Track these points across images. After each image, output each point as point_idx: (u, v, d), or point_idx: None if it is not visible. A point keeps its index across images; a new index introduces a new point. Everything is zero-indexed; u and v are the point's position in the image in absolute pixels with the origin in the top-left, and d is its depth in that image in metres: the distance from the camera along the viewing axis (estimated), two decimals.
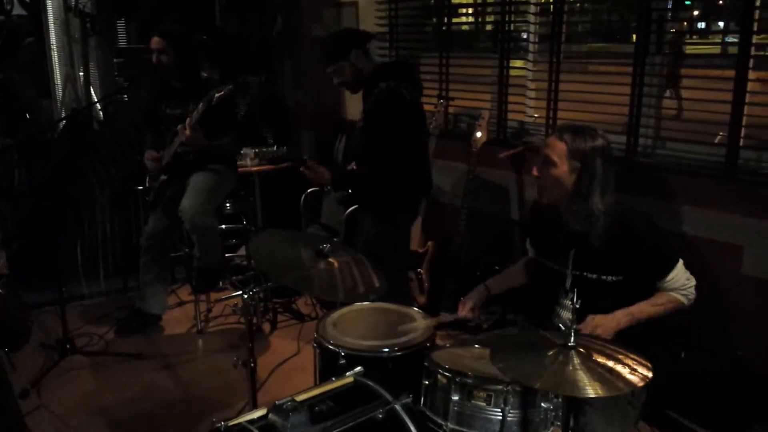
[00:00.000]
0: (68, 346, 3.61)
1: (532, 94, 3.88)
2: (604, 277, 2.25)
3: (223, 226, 4.24)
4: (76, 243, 4.63)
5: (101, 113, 5.22)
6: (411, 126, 3.12)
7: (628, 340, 2.10)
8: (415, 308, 2.52)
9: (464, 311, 2.54)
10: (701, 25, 3.68)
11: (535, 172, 2.31)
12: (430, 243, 3.98)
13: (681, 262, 2.26)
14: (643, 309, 2.23)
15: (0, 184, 4.53)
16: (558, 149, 2.22)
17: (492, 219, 3.97)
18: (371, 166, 3.11)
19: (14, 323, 2.47)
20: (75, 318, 4.10)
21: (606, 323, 2.17)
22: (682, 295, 2.25)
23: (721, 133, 2.98)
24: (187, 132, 3.55)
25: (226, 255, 4.29)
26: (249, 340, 2.40)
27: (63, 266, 4.34)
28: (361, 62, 3.15)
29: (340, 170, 3.27)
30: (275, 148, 3.07)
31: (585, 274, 2.27)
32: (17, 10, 5.19)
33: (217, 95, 3.47)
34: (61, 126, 4.87)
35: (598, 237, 2.21)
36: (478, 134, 3.76)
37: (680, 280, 2.24)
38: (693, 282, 2.27)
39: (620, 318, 2.20)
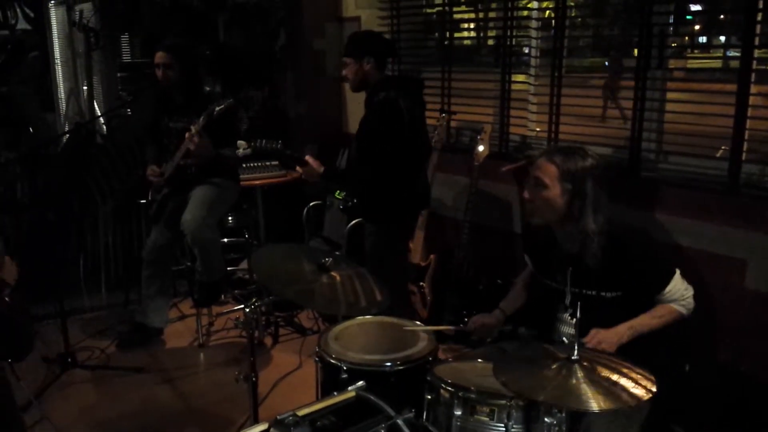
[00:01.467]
0: (69, 359, 3.60)
1: (533, 108, 3.89)
2: (604, 294, 2.24)
3: (225, 240, 4.24)
4: (78, 256, 4.63)
5: (104, 127, 5.25)
6: (405, 138, 3.14)
7: (632, 354, 2.09)
8: (418, 322, 2.51)
9: (473, 326, 2.53)
10: (703, 39, 3.69)
11: (526, 194, 2.29)
12: (432, 256, 3.98)
13: (678, 272, 2.25)
14: (644, 322, 2.22)
15: (2, 197, 4.54)
16: (549, 171, 2.20)
17: (494, 232, 3.97)
18: (357, 179, 3.15)
19: (20, 333, 2.46)
20: (76, 331, 4.09)
21: (609, 337, 2.16)
22: (681, 305, 2.24)
23: (723, 147, 2.98)
24: (196, 139, 3.55)
25: (228, 268, 4.28)
26: (250, 354, 2.39)
27: (64, 279, 4.34)
28: (369, 70, 3.22)
29: (333, 170, 3.34)
30: (270, 143, 3.06)
31: (584, 291, 2.26)
32: (22, 25, 5.22)
33: (217, 109, 3.49)
34: (64, 139, 4.89)
35: (594, 257, 2.20)
36: (480, 148, 3.76)
37: (679, 291, 2.24)
38: (691, 291, 2.26)
39: (622, 332, 2.19)
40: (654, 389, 1.68)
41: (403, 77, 3.47)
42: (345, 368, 2.16)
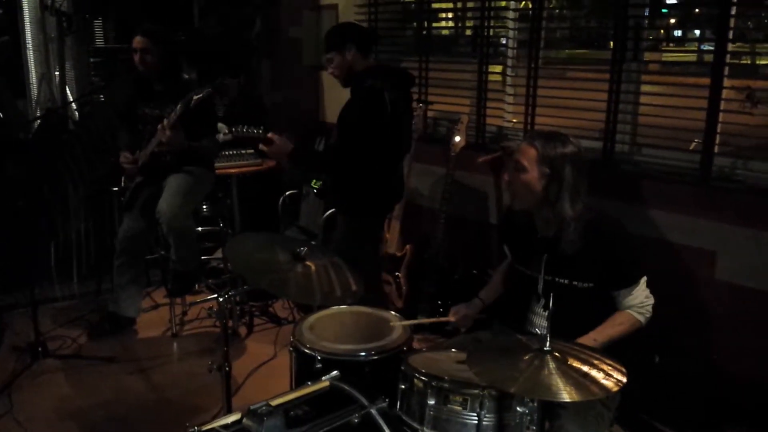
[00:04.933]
0: (40, 349, 3.56)
1: (510, 99, 3.90)
2: (576, 283, 2.25)
3: (200, 229, 4.20)
4: (49, 244, 4.56)
5: (77, 113, 5.16)
6: (385, 131, 3.10)
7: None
8: (392, 312, 2.51)
9: (454, 317, 2.54)
10: (678, 32, 3.72)
11: (506, 177, 2.32)
12: (408, 246, 3.98)
13: (645, 278, 2.27)
14: (604, 332, 2.22)
15: None
16: (528, 155, 2.23)
17: (470, 223, 3.98)
18: (333, 165, 3.13)
19: None
20: (47, 321, 4.03)
21: None
22: (639, 313, 2.25)
23: (696, 140, 3.01)
24: (167, 132, 3.51)
25: (203, 258, 4.25)
26: (224, 344, 2.38)
27: (35, 268, 4.28)
28: (354, 59, 3.15)
29: (305, 147, 3.28)
30: (253, 129, 2.99)
31: (557, 279, 2.28)
32: None
33: (195, 97, 3.44)
34: (36, 126, 4.80)
35: (571, 243, 2.22)
36: (457, 138, 3.77)
37: (640, 296, 2.24)
38: (651, 301, 2.27)
39: (586, 344, 2.20)
40: (624, 380, 1.70)
41: (392, 68, 3.39)
42: (319, 358, 2.16)
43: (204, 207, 4.40)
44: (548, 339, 1.80)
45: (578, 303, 2.23)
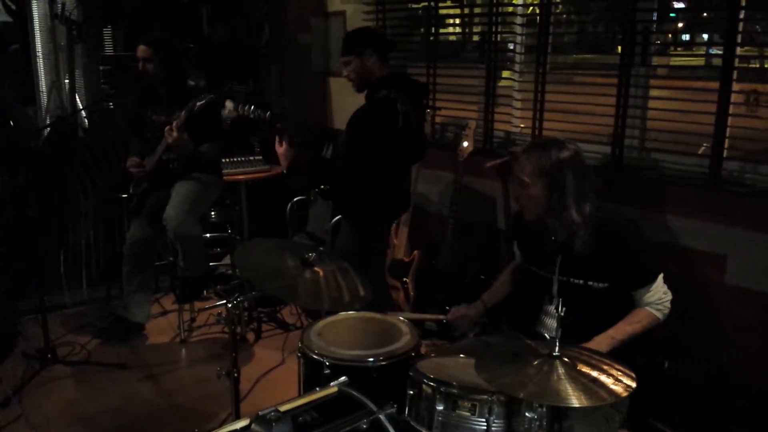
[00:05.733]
0: (50, 355, 3.57)
1: (518, 104, 3.90)
2: (591, 284, 2.25)
3: (208, 235, 4.21)
4: (59, 251, 4.58)
5: (86, 121, 5.19)
6: (395, 142, 3.10)
7: (613, 350, 2.10)
8: (400, 317, 2.51)
9: (452, 317, 2.55)
10: (686, 37, 3.72)
11: (512, 193, 2.33)
12: (416, 252, 3.98)
13: (661, 275, 2.26)
14: (622, 330, 2.23)
15: None
16: (527, 169, 2.23)
17: (478, 228, 3.98)
18: (334, 172, 3.14)
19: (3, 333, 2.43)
20: (57, 327, 4.05)
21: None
22: (658, 310, 2.25)
23: (705, 144, 3.00)
24: (174, 134, 3.52)
25: (211, 264, 4.26)
26: (233, 349, 2.38)
27: (45, 274, 4.30)
28: (373, 64, 3.14)
29: (308, 159, 3.30)
30: (259, 111, 2.99)
31: (572, 279, 2.27)
32: (2, 17, 5.16)
33: (198, 104, 3.47)
34: (46, 133, 4.83)
35: (584, 244, 2.22)
36: (465, 144, 3.77)
37: (658, 293, 2.25)
38: (669, 296, 2.27)
39: (602, 343, 2.20)
40: (633, 385, 1.69)
41: (408, 79, 3.38)
42: (327, 364, 2.15)
43: (212, 213, 4.41)
44: (557, 344, 1.79)
45: (592, 304, 2.23)
